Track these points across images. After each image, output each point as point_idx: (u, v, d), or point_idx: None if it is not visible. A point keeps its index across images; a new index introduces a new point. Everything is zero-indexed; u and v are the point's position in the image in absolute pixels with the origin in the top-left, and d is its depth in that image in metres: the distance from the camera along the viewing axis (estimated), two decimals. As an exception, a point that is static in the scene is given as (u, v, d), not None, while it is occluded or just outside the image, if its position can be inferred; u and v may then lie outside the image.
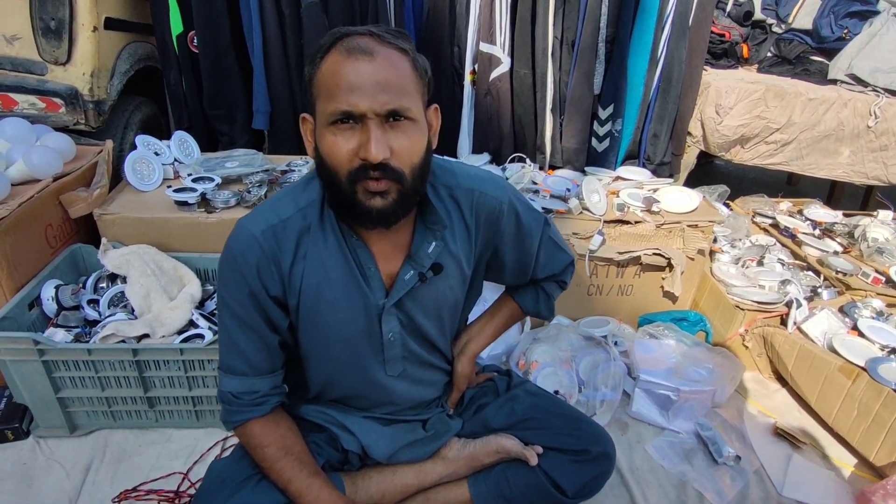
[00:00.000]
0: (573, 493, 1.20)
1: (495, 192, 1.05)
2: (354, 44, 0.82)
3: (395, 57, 0.84)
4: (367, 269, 0.99)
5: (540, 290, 1.26)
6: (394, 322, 1.04)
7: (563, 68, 2.37)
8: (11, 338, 1.32)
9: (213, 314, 1.65)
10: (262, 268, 0.94)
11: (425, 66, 0.90)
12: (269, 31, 2.18)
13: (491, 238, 1.09)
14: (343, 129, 0.84)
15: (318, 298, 0.98)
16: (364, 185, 0.85)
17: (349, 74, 0.81)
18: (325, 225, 0.96)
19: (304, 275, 0.96)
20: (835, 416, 1.67)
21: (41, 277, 1.54)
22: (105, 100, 2.01)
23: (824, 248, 2.23)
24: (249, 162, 2.06)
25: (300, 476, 1.00)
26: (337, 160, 0.85)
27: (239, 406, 1.02)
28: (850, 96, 2.56)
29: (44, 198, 1.60)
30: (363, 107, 0.81)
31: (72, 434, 1.47)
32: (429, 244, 1.00)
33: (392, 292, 1.01)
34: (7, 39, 1.84)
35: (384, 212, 0.87)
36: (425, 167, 0.91)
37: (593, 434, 1.24)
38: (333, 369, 1.09)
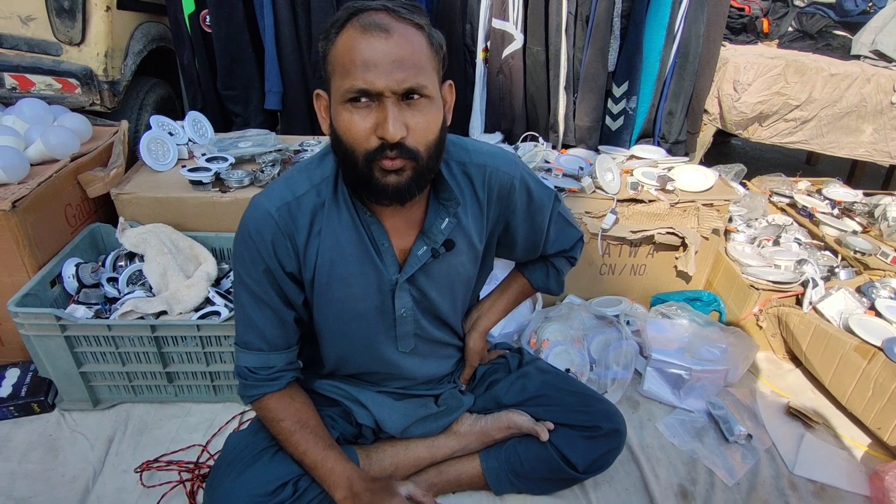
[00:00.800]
0: (584, 468, 1.23)
1: (507, 167, 1.06)
2: (370, 20, 0.81)
3: (411, 33, 0.83)
4: (380, 245, 1.00)
5: (550, 265, 1.28)
6: (406, 298, 1.06)
7: (576, 45, 2.33)
8: (35, 313, 1.36)
9: (228, 292, 1.67)
10: (277, 244, 0.96)
11: (440, 42, 0.90)
12: (280, 11, 2.16)
13: (502, 213, 1.10)
14: (359, 108, 0.83)
15: (332, 274, 0.99)
16: (380, 164, 0.85)
17: (365, 51, 0.80)
18: (339, 201, 0.97)
19: (318, 251, 0.98)
20: (849, 396, 1.66)
21: (62, 255, 1.57)
22: (119, 80, 2.02)
23: (843, 227, 2.20)
24: (262, 142, 2.07)
25: (315, 448, 1.03)
26: (354, 138, 0.85)
27: (255, 381, 1.05)
28: (873, 71, 2.49)
29: (62, 177, 1.62)
30: (380, 85, 0.81)
31: (95, 407, 1.52)
32: (442, 220, 1.01)
33: (405, 268, 1.03)
34: (22, 20, 1.85)
35: (399, 189, 0.88)
36: (440, 144, 0.91)
37: (604, 411, 1.26)
38: (347, 345, 1.11)
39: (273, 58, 2.26)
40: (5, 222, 1.42)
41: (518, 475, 1.28)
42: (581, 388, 1.33)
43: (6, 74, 1.86)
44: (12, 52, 1.87)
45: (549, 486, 1.32)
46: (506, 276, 1.36)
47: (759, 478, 1.48)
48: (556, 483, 1.32)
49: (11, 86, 1.88)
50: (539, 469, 1.26)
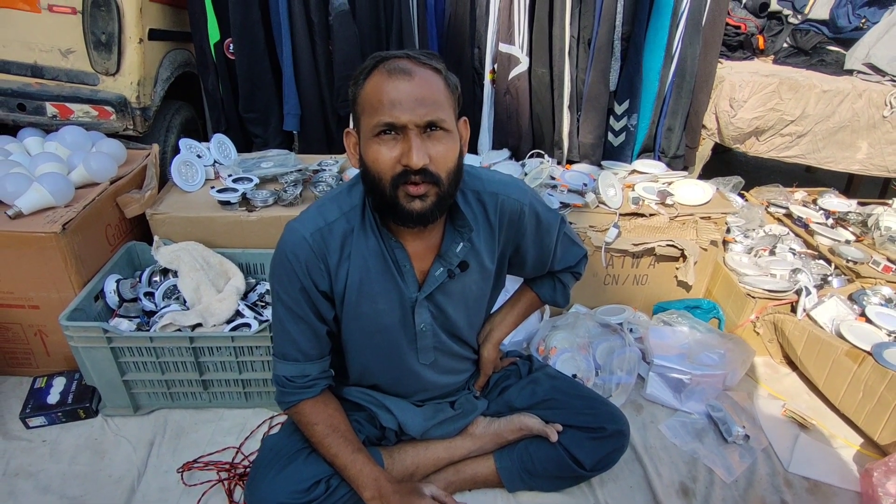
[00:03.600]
0: (590, 466, 1.33)
1: (517, 195, 1.17)
2: (394, 65, 0.95)
3: (430, 75, 0.96)
4: (402, 267, 1.11)
5: (556, 280, 1.39)
6: (425, 314, 1.18)
7: (579, 66, 2.45)
8: (84, 327, 1.48)
9: (256, 305, 1.79)
10: (311, 266, 1.07)
11: (455, 83, 1.02)
12: (298, 37, 2.30)
13: (513, 237, 1.21)
14: (386, 140, 0.95)
15: (360, 292, 1.11)
16: (405, 190, 0.97)
17: (391, 92, 0.93)
18: (367, 228, 1.09)
19: (349, 271, 1.09)
20: (841, 399, 1.75)
21: (103, 272, 1.70)
22: (150, 106, 2.16)
23: (836, 237, 2.29)
24: (283, 162, 2.20)
25: (345, 451, 1.14)
26: (381, 167, 0.97)
27: (292, 388, 1.16)
28: (864, 87, 2.59)
29: (103, 200, 1.76)
30: (404, 119, 0.93)
31: (135, 413, 1.64)
32: (457, 244, 1.12)
33: (424, 287, 1.14)
34: (63, 53, 1.99)
35: (423, 213, 0.99)
36: (459, 172, 1.03)
37: (609, 413, 1.36)
38: (372, 357, 1.22)
39: (291, 82, 2.40)
40: (55, 243, 1.54)
41: (530, 473, 1.39)
42: (587, 392, 1.44)
43: (48, 103, 2.00)
44: (53, 83, 2.01)
45: (559, 484, 1.43)
46: (515, 290, 1.47)
47: (756, 475, 1.58)
48: (566, 480, 1.42)
49: (52, 114, 2.02)
50: (549, 468, 1.37)
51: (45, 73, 2.00)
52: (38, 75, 2.00)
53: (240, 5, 2.24)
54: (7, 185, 1.60)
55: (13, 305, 1.63)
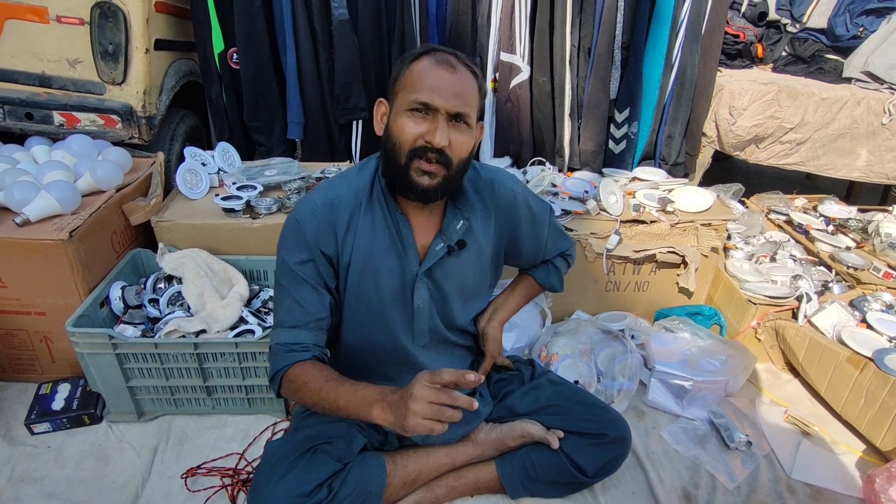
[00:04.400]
0: (592, 472, 1.34)
1: (510, 183, 1.27)
2: (443, 57, 1.07)
3: (469, 76, 1.08)
4: (406, 241, 1.18)
5: (550, 264, 1.46)
6: (424, 290, 1.22)
7: (580, 75, 2.48)
8: (89, 333, 1.49)
9: (259, 311, 1.81)
10: (320, 231, 1.13)
11: (485, 91, 1.15)
12: (302, 47, 2.33)
13: (508, 223, 1.29)
14: (416, 116, 1.05)
15: (365, 263, 1.16)
16: (419, 164, 1.06)
17: (433, 78, 1.04)
18: (374, 204, 1.17)
19: (354, 243, 1.16)
20: (843, 405, 1.76)
21: (109, 279, 1.72)
22: (155, 115, 2.19)
23: (837, 243, 2.30)
24: (286, 170, 2.22)
25: (344, 391, 1.06)
26: (405, 137, 1.05)
27: (285, 353, 1.14)
28: (863, 94, 2.61)
29: (109, 207, 1.77)
30: (439, 103, 1.03)
31: (139, 419, 1.65)
32: (457, 222, 1.20)
33: (424, 261, 1.19)
34: (70, 63, 2.02)
35: (428, 189, 1.07)
36: (467, 163, 1.14)
37: (611, 419, 1.37)
38: (370, 331, 1.25)
39: (295, 91, 2.42)
40: (62, 250, 1.56)
41: (532, 479, 1.39)
42: (589, 398, 1.44)
43: (55, 112, 2.02)
44: (61, 93, 2.04)
45: (561, 490, 1.43)
46: (514, 279, 1.54)
47: (758, 482, 1.58)
48: (567, 487, 1.42)
49: (59, 123, 2.04)
50: (551, 473, 1.37)
51: (52, 82, 2.03)
52: (46, 85, 2.03)
53: (246, 16, 2.27)
54: (15, 193, 1.62)
55: (20, 312, 1.65)
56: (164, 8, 2.19)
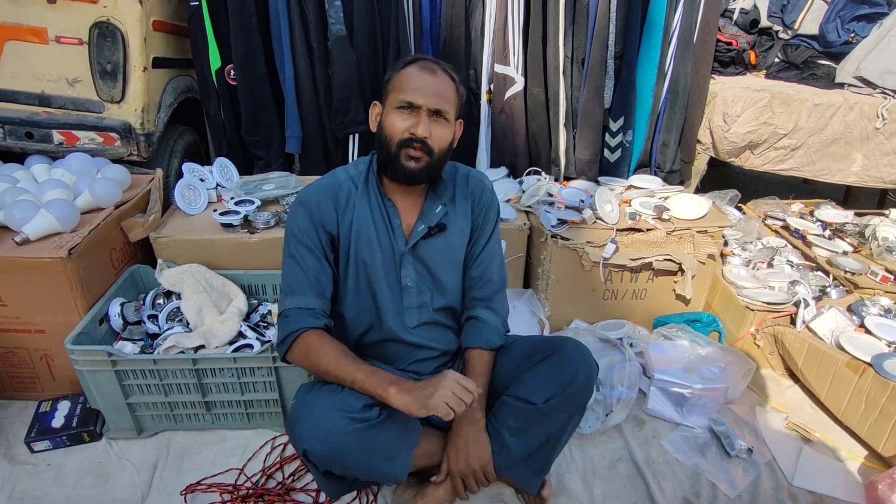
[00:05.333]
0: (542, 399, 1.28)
1: (482, 178, 1.46)
2: (426, 64, 1.27)
3: (448, 80, 1.29)
4: (394, 222, 1.35)
5: (473, 320, 1.45)
6: (410, 269, 1.36)
7: (574, 85, 2.50)
8: (89, 350, 1.50)
9: (258, 325, 1.81)
10: (323, 206, 1.31)
11: (463, 93, 1.34)
12: (299, 63, 2.36)
13: (478, 209, 1.42)
14: (403, 113, 1.25)
15: (359, 239, 1.33)
16: (407, 152, 1.25)
17: (418, 80, 1.24)
18: (369, 189, 1.35)
19: (352, 220, 1.33)
20: (844, 410, 1.75)
21: (108, 296, 1.72)
22: (154, 132, 2.21)
23: (833, 248, 2.31)
24: (284, 184, 2.24)
25: (360, 368, 1.20)
26: (394, 130, 1.25)
27: (297, 318, 1.25)
28: (856, 99, 2.63)
29: (108, 224, 1.79)
30: (421, 101, 1.23)
31: (139, 436, 1.65)
32: (436, 207, 1.37)
33: (409, 240, 1.36)
34: (69, 82, 2.04)
35: (414, 172, 1.27)
36: (447, 153, 1.32)
37: (559, 340, 1.38)
38: (364, 306, 1.37)
39: (293, 105, 2.45)
40: (61, 268, 1.57)
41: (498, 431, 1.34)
42: (549, 337, 1.47)
43: (55, 131, 2.05)
44: (60, 112, 2.06)
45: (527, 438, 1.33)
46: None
47: (759, 490, 1.57)
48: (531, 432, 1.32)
49: (59, 141, 2.06)
50: (510, 420, 1.32)
51: (52, 101, 2.05)
52: (46, 104, 2.06)
53: (242, 33, 2.31)
54: (15, 211, 1.64)
55: (20, 330, 1.65)
56: (162, 27, 2.22)
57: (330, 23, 2.32)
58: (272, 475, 1.55)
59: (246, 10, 2.29)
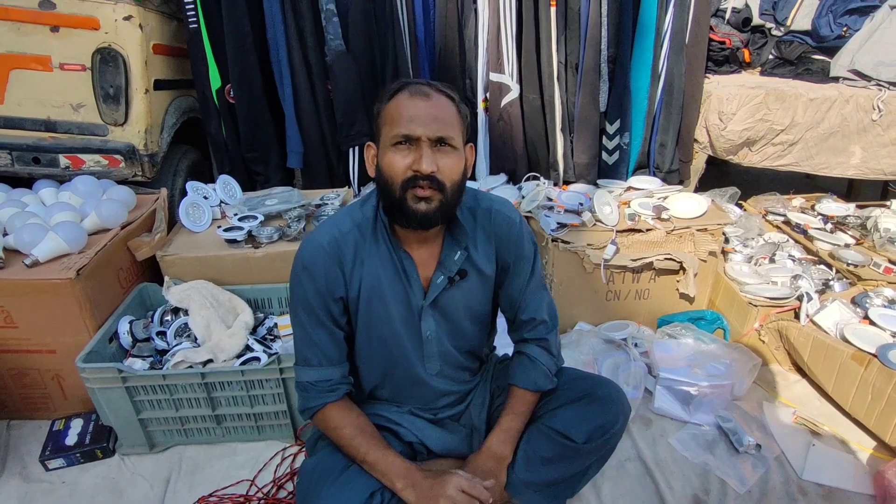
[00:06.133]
0: (582, 439, 1.24)
1: (508, 211, 1.26)
2: (416, 88, 1.09)
3: (445, 101, 1.10)
4: (410, 275, 1.20)
5: (524, 356, 1.32)
6: (431, 321, 1.23)
7: (569, 90, 2.53)
8: (99, 368, 1.53)
9: (265, 339, 1.84)
10: (328, 271, 1.15)
11: (466, 113, 1.15)
12: (298, 79, 2.41)
13: (505, 248, 1.27)
14: (401, 149, 1.07)
15: (372, 297, 1.18)
16: (413, 192, 1.07)
17: (410, 109, 1.07)
18: (378, 238, 1.18)
19: (362, 278, 1.17)
20: (851, 402, 1.75)
21: (117, 315, 1.75)
22: (157, 152, 2.25)
23: (836, 241, 2.31)
24: (287, 199, 2.27)
25: (375, 449, 1.16)
26: (394, 171, 1.08)
27: (316, 393, 1.19)
28: (851, 92, 2.64)
29: (115, 245, 1.82)
30: (419, 132, 1.05)
31: (151, 451, 1.67)
32: (455, 253, 1.21)
33: (428, 294, 1.21)
34: (74, 107, 2.09)
35: (427, 214, 1.08)
36: (462, 186, 1.14)
37: (597, 381, 1.32)
38: (385, 364, 1.27)
39: (293, 121, 2.49)
40: (70, 289, 1.61)
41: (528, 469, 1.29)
42: (577, 372, 1.39)
43: (61, 156, 2.10)
44: (66, 136, 2.11)
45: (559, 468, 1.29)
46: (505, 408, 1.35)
47: (769, 485, 1.57)
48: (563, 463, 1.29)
49: (65, 165, 2.11)
50: (544, 450, 1.28)
51: (57, 127, 2.10)
52: (52, 130, 2.11)
53: (238, 53, 2.36)
54: (24, 235, 1.68)
55: (31, 351, 1.69)
56: (162, 49, 2.27)
57: (328, 38, 2.36)
58: (283, 485, 1.56)
59: (242, 30, 2.34)
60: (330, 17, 2.33)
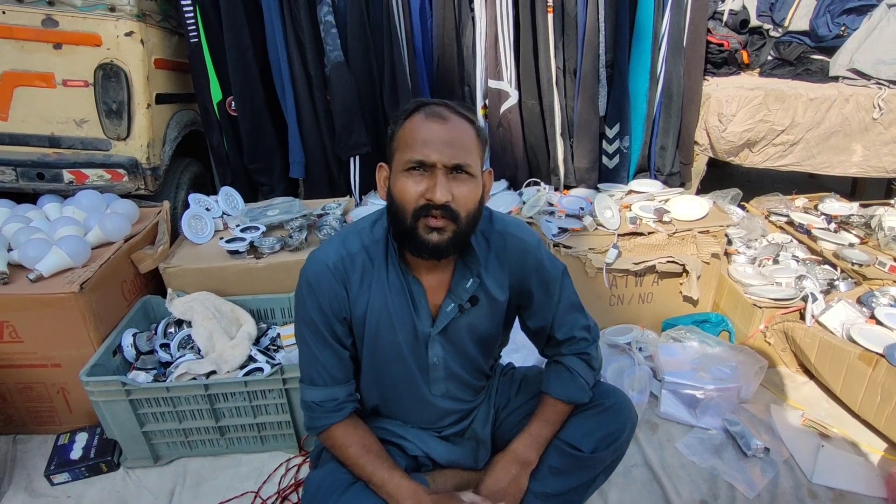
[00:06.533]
0: (589, 448, 1.22)
1: (522, 235, 1.21)
2: (432, 110, 1.03)
3: (463, 124, 1.05)
4: (418, 302, 1.16)
5: (562, 367, 1.27)
6: (438, 348, 1.21)
7: (567, 95, 2.54)
8: (103, 381, 1.53)
9: (268, 349, 1.84)
10: (334, 291, 1.12)
11: (486, 137, 1.10)
12: (299, 91, 2.43)
13: (519, 275, 1.21)
14: (414, 175, 1.02)
15: (379, 323, 1.16)
16: (425, 222, 1.03)
17: (425, 132, 1.01)
18: (388, 262, 1.15)
19: (368, 302, 1.14)
20: (860, 404, 1.73)
21: (120, 328, 1.76)
22: (160, 165, 2.27)
23: (840, 241, 2.29)
24: (288, 209, 2.28)
25: (381, 469, 1.14)
26: (406, 198, 1.03)
27: (321, 413, 1.17)
28: (851, 92, 2.64)
29: (119, 258, 1.84)
30: (434, 158, 1.00)
31: (155, 464, 1.67)
32: (467, 280, 1.16)
33: (437, 322, 1.18)
34: (77, 123, 2.12)
35: (438, 246, 1.04)
36: (477, 215, 1.09)
37: (605, 390, 1.29)
38: (389, 386, 1.25)
39: (295, 132, 2.51)
40: (74, 303, 1.61)
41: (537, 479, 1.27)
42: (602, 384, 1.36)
43: (65, 171, 2.12)
44: (69, 152, 2.13)
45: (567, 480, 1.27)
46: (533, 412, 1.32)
47: (779, 489, 1.55)
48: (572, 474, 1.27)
49: (69, 180, 2.13)
50: (552, 460, 1.26)
51: (61, 142, 2.13)
52: (56, 145, 2.13)
53: (239, 65, 2.38)
54: (28, 250, 1.69)
55: (36, 365, 1.69)
56: (164, 64, 2.30)
57: (327, 50, 2.38)
58: (287, 496, 1.56)
59: (242, 43, 2.36)
60: (329, 28, 2.35)
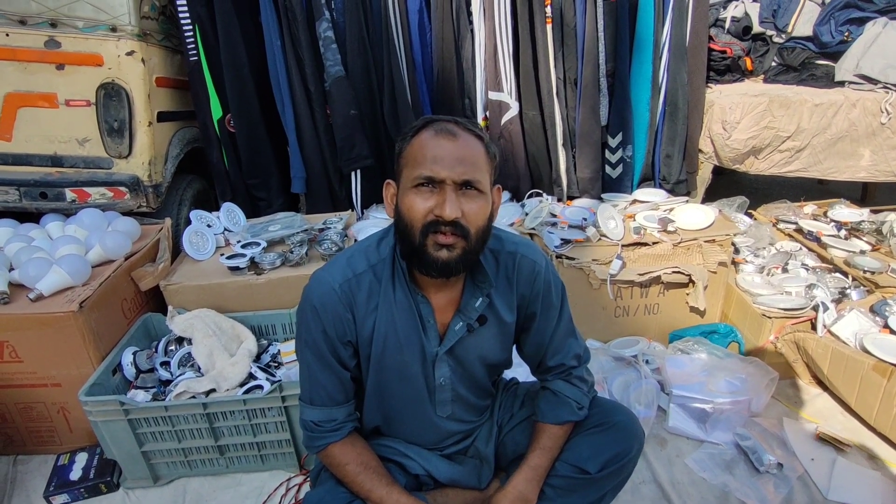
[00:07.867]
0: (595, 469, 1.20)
1: (533, 255, 1.20)
2: (441, 126, 1.03)
3: (472, 140, 1.04)
4: (426, 322, 1.14)
5: (548, 391, 1.28)
6: (445, 368, 1.19)
7: (569, 105, 2.52)
8: (101, 401, 1.52)
9: (268, 366, 1.82)
10: (338, 315, 1.10)
11: (495, 152, 1.09)
12: (298, 107, 2.44)
13: (528, 296, 1.20)
14: (423, 192, 1.01)
15: (386, 344, 1.14)
16: (434, 238, 1.01)
17: (435, 149, 1.00)
18: (395, 282, 1.12)
19: (375, 323, 1.12)
20: (875, 416, 1.68)
21: (121, 346, 1.75)
22: (161, 183, 2.28)
23: (850, 248, 2.25)
24: (290, 224, 2.28)
25: (379, 486, 1.13)
26: (414, 215, 1.02)
27: (320, 433, 1.16)
28: (857, 96, 2.60)
29: (119, 276, 1.83)
30: (443, 174, 0.99)
31: (155, 484, 1.65)
32: (476, 299, 1.15)
33: (444, 341, 1.16)
34: (79, 142, 2.13)
35: (448, 263, 1.02)
36: (487, 232, 1.07)
37: (612, 407, 1.28)
38: (394, 407, 1.23)
39: (296, 147, 2.52)
40: (73, 321, 1.61)
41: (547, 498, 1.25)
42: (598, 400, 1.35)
43: (67, 189, 2.13)
44: (72, 170, 2.14)
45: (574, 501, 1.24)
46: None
47: (793, 506, 1.50)
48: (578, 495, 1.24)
49: (71, 199, 2.14)
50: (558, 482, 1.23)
51: (64, 162, 2.14)
52: (58, 164, 2.14)
53: (236, 82, 2.40)
54: (29, 269, 1.69)
55: (37, 385, 1.69)
56: (165, 82, 2.32)
57: (328, 65, 2.39)
58: (287, 518, 1.53)
59: (238, 60, 2.38)
60: (328, 44, 2.36)
